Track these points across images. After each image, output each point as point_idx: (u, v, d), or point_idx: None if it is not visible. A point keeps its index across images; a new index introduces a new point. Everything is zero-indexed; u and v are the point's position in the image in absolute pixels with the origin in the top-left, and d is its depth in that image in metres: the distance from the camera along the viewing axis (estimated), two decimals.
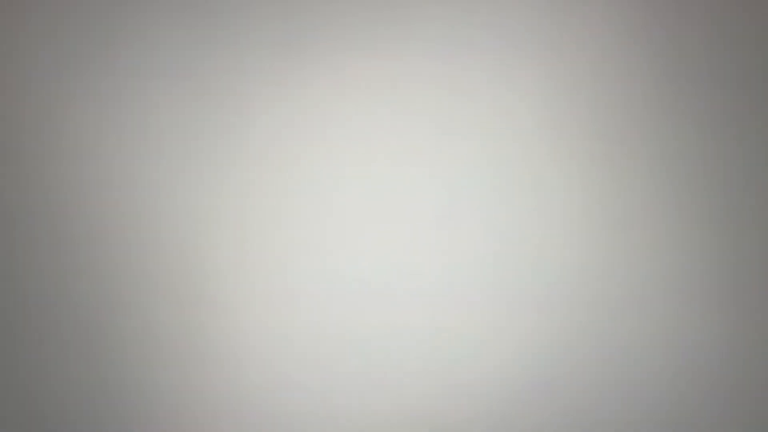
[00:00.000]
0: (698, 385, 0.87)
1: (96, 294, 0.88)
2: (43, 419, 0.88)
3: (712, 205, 0.87)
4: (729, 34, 0.88)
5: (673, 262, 0.87)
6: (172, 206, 0.89)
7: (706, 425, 0.87)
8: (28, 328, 0.88)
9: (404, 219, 0.89)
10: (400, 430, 0.88)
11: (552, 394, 0.87)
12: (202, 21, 0.89)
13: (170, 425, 0.88)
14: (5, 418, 0.88)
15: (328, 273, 0.88)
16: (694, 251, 0.87)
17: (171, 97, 0.89)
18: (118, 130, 0.89)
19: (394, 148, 0.89)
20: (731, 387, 0.87)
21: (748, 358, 0.87)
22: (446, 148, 0.88)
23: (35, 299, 0.88)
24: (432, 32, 0.89)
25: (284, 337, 0.88)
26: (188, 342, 0.88)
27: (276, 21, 0.89)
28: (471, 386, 0.88)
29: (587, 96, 0.88)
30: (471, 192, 0.88)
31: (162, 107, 0.89)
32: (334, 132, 0.89)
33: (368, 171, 0.89)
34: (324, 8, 0.89)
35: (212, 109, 0.89)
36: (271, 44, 0.89)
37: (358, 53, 0.89)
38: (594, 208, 0.88)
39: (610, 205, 0.88)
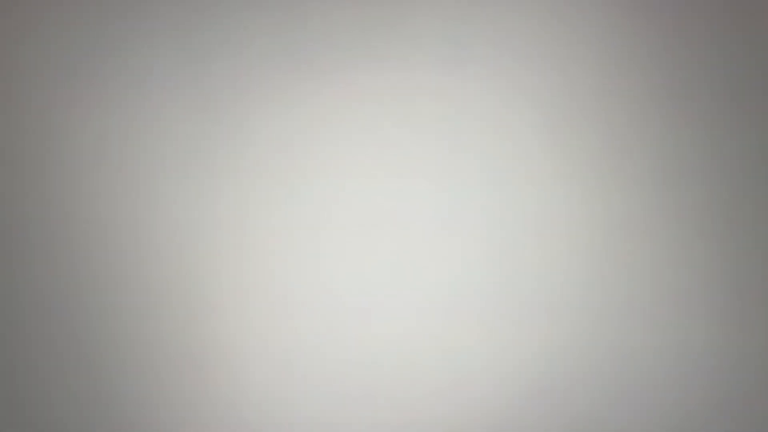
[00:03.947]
0: (703, 392, 0.87)
1: (95, 301, 0.88)
2: (41, 425, 0.88)
3: (714, 212, 0.87)
4: (729, 41, 0.88)
5: (676, 269, 0.87)
6: (173, 214, 0.89)
7: (714, 431, 0.87)
8: (26, 333, 0.88)
9: (406, 230, 0.88)
10: None
11: (558, 402, 0.87)
12: (205, 32, 0.89)
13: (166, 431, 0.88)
14: (4, 425, 0.88)
15: (329, 283, 0.88)
16: (697, 258, 0.87)
17: (173, 106, 0.89)
18: (120, 138, 0.89)
19: (397, 159, 0.89)
20: (736, 393, 0.87)
21: (752, 364, 0.86)
22: (447, 160, 0.89)
23: (34, 305, 0.88)
24: (434, 45, 0.89)
25: (283, 346, 0.88)
26: (186, 349, 0.88)
27: (280, 34, 0.89)
28: (475, 398, 0.87)
29: (589, 107, 0.88)
30: (474, 203, 0.88)
31: (164, 117, 0.89)
32: (336, 143, 0.89)
33: (371, 182, 0.89)
34: (327, 21, 0.89)
35: (215, 119, 0.89)
36: (274, 56, 0.89)
37: (360, 66, 0.89)
38: (597, 216, 0.88)
39: (613, 214, 0.88)
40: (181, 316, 0.88)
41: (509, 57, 0.89)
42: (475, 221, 0.88)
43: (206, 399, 0.88)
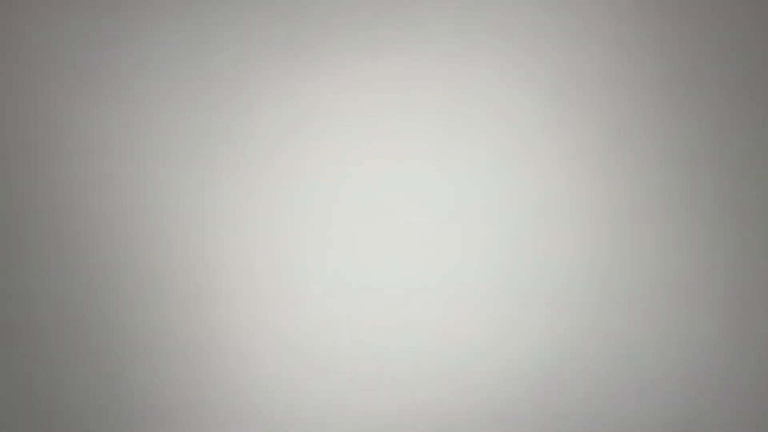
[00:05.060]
0: (706, 383, 0.87)
1: (101, 291, 0.88)
2: (48, 414, 0.89)
3: (718, 203, 0.87)
4: (736, 32, 0.87)
5: (680, 261, 0.87)
6: (177, 204, 0.89)
7: (714, 423, 0.87)
8: (33, 324, 0.89)
9: (410, 217, 0.88)
10: (406, 428, 0.88)
11: (560, 392, 0.87)
12: (205, 20, 0.89)
13: (174, 420, 0.88)
14: (11, 414, 0.89)
15: (333, 271, 0.88)
16: (701, 249, 0.87)
17: (175, 96, 0.89)
18: (123, 129, 0.89)
19: (399, 146, 0.89)
20: (739, 385, 0.87)
21: (755, 356, 0.87)
22: (452, 147, 0.88)
23: (41, 296, 0.89)
24: (437, 31, 0.88)
25: (289, 334, 0.88)
26: (193, 338, 0.88)
27: (280, 20, 0.89)
28: (479, 385, 0.88)
29: (593, 94, 0.88)
30: (477, 191, 0.88)
31: (166, 106, 0.89)
32: (338, 130, 0.89)
33: (373, 169, 0.89)
34: (328, 8, 0.89)
35: (217, 107, 0.89)
36: (275, 43, 0.89)
37: (362, 52, 0.89)
38: (601, 206, 0.87)
39: (617, 204, 0.87)
40: (189, 305, 0.88)
41: (513, 44, 0.88)
42: (479, 209, 0.88)
43: (214, 386, 0.88)
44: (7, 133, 0.89)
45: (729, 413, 0.87)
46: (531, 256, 0.88)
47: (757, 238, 0.87)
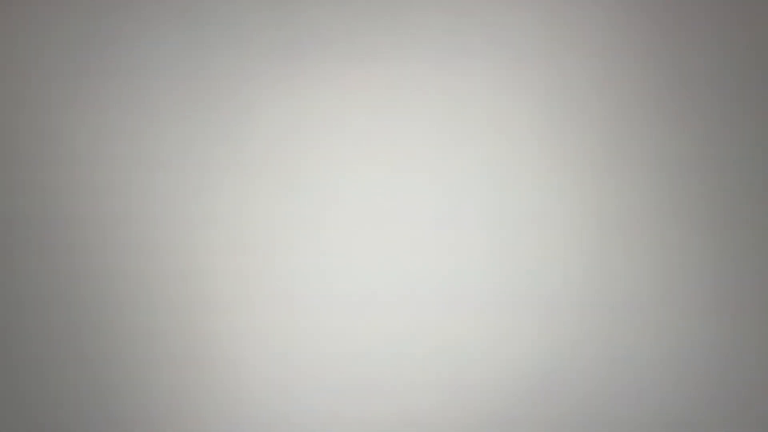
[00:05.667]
0: (700, 388, 0.87)
1: (93, 297, 0.88)
2: (40, 420, 0.87)
3: (711, 209, 0.88)
4: (727, 38, 0.89)
5: (673, 266, 0.87)
6: (171, 210, 0.88)
7: (708, 427, 0.87)
8: (25, 330, 0.88)
9: (404, 224, 0.89)
10: None
11: (556, 397, 0.87)
12: (201, 26, 0.89)
13: (166, 427, 0.87)
14: (4, 420, 0.87)
15: (327, 278, 0.88)
16: (694, 255, 0.87)
17: (170, 101, 0.89)
18: (117, 134, 0.89)
19: (394, 153, 0.89)
20: (732, 389, 0.87)
21: (748, 361, 0.87)
22: (446, 154, 0.89)
23: (32, 302, 0.88)
24: (431, 38, 0.89)
25: (283, 341, 0.88)
26: (185, 345, 0.87)
27: (276, 27, 0.90)
28: (473, 392, 0.87)
29: (586, 101, 0.89)
30: (472, 197, 0.88)
31: (161, 112, 0.89)
32: (333, 137, 0.89)
33: (368, 176, 0.89)
34: (323, 15, 0.90)
35: (211, 114, 0.89)
36: (270, 50, 0.89)
37: (357, 59, 0.89)
38: (594, 212, 0.88)
39: (610, 210, 0.88)
40: (182, 311, 0.88)
41: (507, 51, 0.89)
42: (473, 215, 0.88)
43: (206, 393, 0.87)
44: (2, 137, 0.89)
45: (721, 420, 0.87)
46: (525, 261, 0.88)
47: (748, 246, 0.87)
